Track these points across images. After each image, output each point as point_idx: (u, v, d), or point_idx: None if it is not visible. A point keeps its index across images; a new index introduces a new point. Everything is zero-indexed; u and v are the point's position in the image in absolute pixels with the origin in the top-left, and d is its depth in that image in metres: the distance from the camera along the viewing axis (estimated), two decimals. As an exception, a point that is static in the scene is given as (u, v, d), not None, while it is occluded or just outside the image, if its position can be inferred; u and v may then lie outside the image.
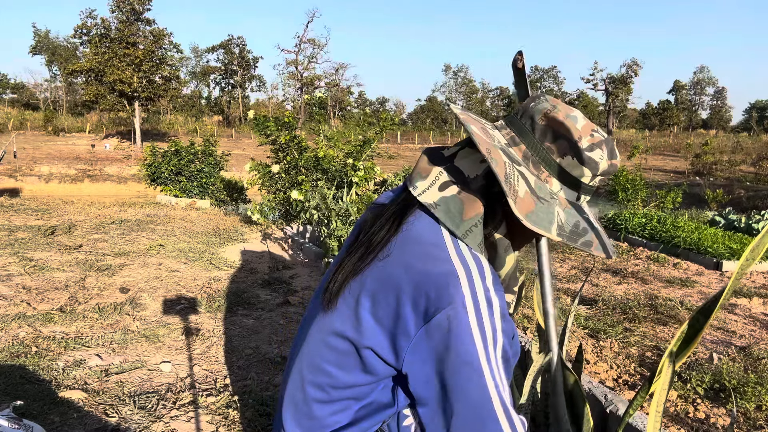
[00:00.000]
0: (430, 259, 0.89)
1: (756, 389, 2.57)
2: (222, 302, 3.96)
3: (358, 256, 0.96)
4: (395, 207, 0.99)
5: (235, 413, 2.39)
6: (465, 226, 0.91)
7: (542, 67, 74.64)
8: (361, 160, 7.56)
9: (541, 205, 0.89)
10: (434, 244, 0.91)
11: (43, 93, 64.40)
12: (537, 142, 0.93)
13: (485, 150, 0.86)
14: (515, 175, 0.88)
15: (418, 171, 0.98)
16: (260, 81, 68.89)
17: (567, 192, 0.94)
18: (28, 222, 6.87)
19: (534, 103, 0.95)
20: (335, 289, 0.96)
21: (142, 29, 33.65)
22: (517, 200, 0.86)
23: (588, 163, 0.92)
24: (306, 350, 1.01)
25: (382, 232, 0.95)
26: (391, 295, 0.89)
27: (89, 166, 22.34)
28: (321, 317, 0.99)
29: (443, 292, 0.85)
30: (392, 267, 0.90)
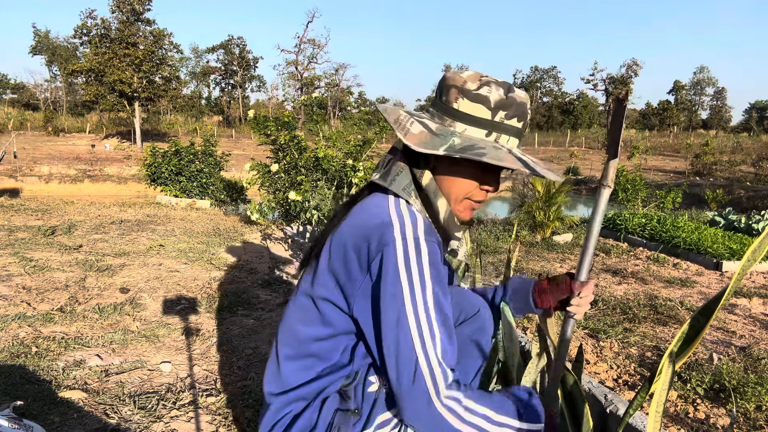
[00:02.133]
0: (371, 215, 1.07)
1: (756, 389, 2.57)
2: (222, 302, 3.95)
3: (323, 229, 1.19)
4: (354, 194, 1.24)
5: (235, 413, 2.39)
6: (390, 176, 1.13)
7: (542, 67, 74.64)
8: (361, 160, 7.56)
9: (437, 137, 1.05)
10: (377, 204, 1.10)
11: (43, 93, 64.37)
12: (438, 101, 1.12)
13: (383, 109, 1.11)
14: (409, 120, 1.08)
15: (377, 165, 1.22)
16: (260, 81, 68.88)
17: (473, 131, 1.07)
18: (28, 222, 6.87)
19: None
20: (305, 257, 1.21)
21: (142, 29, 33.62)
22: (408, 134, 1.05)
23: (477, 98, 1.05)
24: (283, 320, 1.21)
25: (341, 209, 1.19)
26: (341, 248, 1.07)
27: (89, 166, 22.34)
28: (299, 286, 1.20)
29: (380, 237, 1.01)
30: (345, 227, 1.09)
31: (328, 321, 1.09)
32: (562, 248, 6.68)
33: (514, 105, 1.05)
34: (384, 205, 1.08)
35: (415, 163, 1.13)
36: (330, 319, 1.09)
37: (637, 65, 62.04)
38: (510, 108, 1.05)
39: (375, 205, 1.09)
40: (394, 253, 0.99)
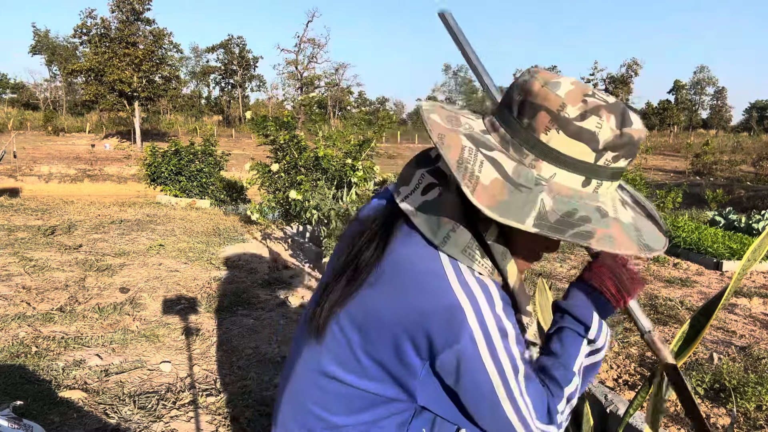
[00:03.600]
0: (426, 291, 0.76)
1: (756, 389, 2.57)
2: (222, 302, 3.95)
3: (345, 282, 0.84)
4: (380, 220, 0.86)
5: (235, 413, 2.39)
6: (442, 232, 0.78)
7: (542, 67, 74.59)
8: (361, 159, 7.56)
9: (519, 193, 0.72)
10: (430, 271, 0.78)
11: (43, 93, 64.36)
12: (515, 121, 0.76)
13: (437, 135, 0.73)
14: (477, 160, 0.73)
15: (402, 176, 0.86)
16: (260, 81, 68.86)
17: (566, 177, 0.74)
18: (28, 222, 6.87)
19: (518, 78, 0.80)
20: (322, 322, 0.84)
21: (142, 29, 33.62)
22: (478, 188, 0.70)
23: (580, 135, 0.72)
24: (294, 388, 0.91)
25: (368, 252, 0.83)
26: (386, 334, 0.78)
27: (89, 166, 22.34)
28: (309, 350, 0.89)
29: (446, 329, 0.75)
30: (384, 299, 0.78)
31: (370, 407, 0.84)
32: (561, 247, 6.68)
33: (629, 144, 0.73)
34: (440, 273, 0.77)
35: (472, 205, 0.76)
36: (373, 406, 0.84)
37: (637, 65, 62.05)
38: (622, 148, 0.73)
39: (427, 272, 0.77)
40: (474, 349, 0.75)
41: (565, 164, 0.74)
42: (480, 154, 0.74)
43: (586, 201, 0.74)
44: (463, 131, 0.77)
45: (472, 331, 0.75)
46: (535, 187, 0.73)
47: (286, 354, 3.09)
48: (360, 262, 0.83)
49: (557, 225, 0.71)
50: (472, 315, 0.75)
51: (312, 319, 0.87)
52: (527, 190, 0.72)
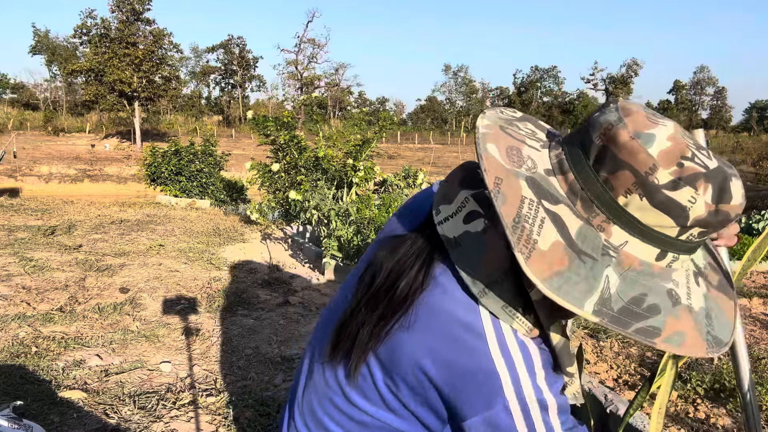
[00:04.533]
0: (461, 349, 0.68)
1: (756, 389, 2.57)
2: (222, 302, 3.95)
3: (377, 319, 0.73)
4: (418, 245, 0.74)
5: (235, 413, 2.39)
6: (483, 282, 0.68)
7: (542, 67, 74.67)
8: (361, 159, 7.57)
9: (581, 263, 0.59)
10: (467, 326, 0.68)
11: (43, 93, 64.39)
12: (590, 170, 0.62)
13: (493, 179, 0.61)
14: (538, 217, 0.60)
15: (445, 191, 0.74)
16: (260, 81, 68.90)
17: (639, 247, 0.61)
18: (28, 222, 6.87)
19: (598, 113, 0.65)
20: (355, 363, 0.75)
21: (142, 29, 33.66)
22: (533, 254, 0.58)
23: (667, 207, 0.58)
24: (311, 400, 0.85)
25: (404, 286, 0.72)
26: (410, 378, 0.71)
27: (89, 166, 22.35)
28: (330, 371, 0.82)
29: (479, 395, 0.67)
30: (411, 343, 0.70)
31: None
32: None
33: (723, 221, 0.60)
34: (478, 330, 0.68)
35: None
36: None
37: (637, 65, 62.11)
38: (713, 226, 0.61)
39: (464, 329, 0.68)
40: (509, 420, 0.67)
41: (640, 233, 0.61)
42: (542, 208, 0.61)
43: (658, 281, 0.62)
44: (525, 172, 0.63)
45: (507, 402, 0.66)
46: (601, 258, 0.60)
47: (285, 354, 3.09)
48: (395, 298, 0.72)
49: (620, 315, 0.59)
50: (509, 384, 0.66)
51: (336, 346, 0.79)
52: (591, 261, 0.60)
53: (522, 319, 0.69)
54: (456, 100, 77.27)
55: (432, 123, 73.63)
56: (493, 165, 0.62)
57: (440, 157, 35.03)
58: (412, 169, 8.17)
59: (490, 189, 0.60)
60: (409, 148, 42.75)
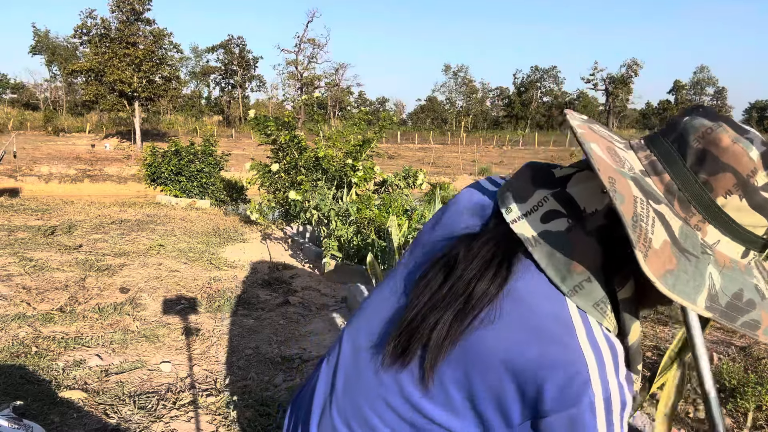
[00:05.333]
0: (549, 340, 0.67)
1: (756, 389, 2.57)
2: (222, 302, 3.95)
3: (453, 315, 0.71)
4: (493, 243, 0.73)
5: (235, 413, 2.39)
6: (573, 280, 0.67)
7: (542, 67, 74.69)
8: (361, 159, 7.56)
9: (686, 261, 0.62)
10: (556, 317, 0.67)
11: (43, 93, 64.43)
12: (688, 171, 0.65)
13: (607, 179, 0.62)
14: (649, 216, 0.62)
15: (516, 188, 0.74)
16: (260, 81, 68.92)
17: (729, 245, 0.66)
18: (28, 222, 6.87)
19: (688, 117, 0.67)
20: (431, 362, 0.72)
21: (142, 29, 33.65)
22: (650, 253, 0.60)
23: (763, 207, 0.63)
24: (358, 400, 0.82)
25: (482, 283, 0.70)
26: (490, 375, 0.69)
27: (89, 166, 22.36)
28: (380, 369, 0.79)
29: (566, 389, 0.65)
30: (494, 338, 0.69)
31: None
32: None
33: None
34: (567, 322, 0.67)
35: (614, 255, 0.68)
36: None
37: (637, 65, 62.11)
38: None
39: (552, 318, 0.68)
40: (591, 419, 0.66)
41: (732, 232, 0.65)
42: (650, 208, 0.63)
43: (746, 277, 0.66)
44: (628, 172, 0.66)
45: (594, 398, 0.65)
46: (701, 256, 0.63)
47: (285, 354, 3.09)
48: (473, 294, 0.70)
49: (728, 310, 0.63)
50: (597, 379, 0.65)
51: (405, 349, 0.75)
52: (695, 259, 0.63)
53: (611, 316, 0.70)
54: (456, 100, 77.28)
55: (432, 123, 73.62)
56: (604, 165, 0.63)
57: (440, 157, 35.02)
58: (412, 169, 8.17)
59: (607, 188, 0.61)
60: (409, 148, 42.73)
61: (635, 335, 0.73)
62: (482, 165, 28.61)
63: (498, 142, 50.73)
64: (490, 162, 32.18)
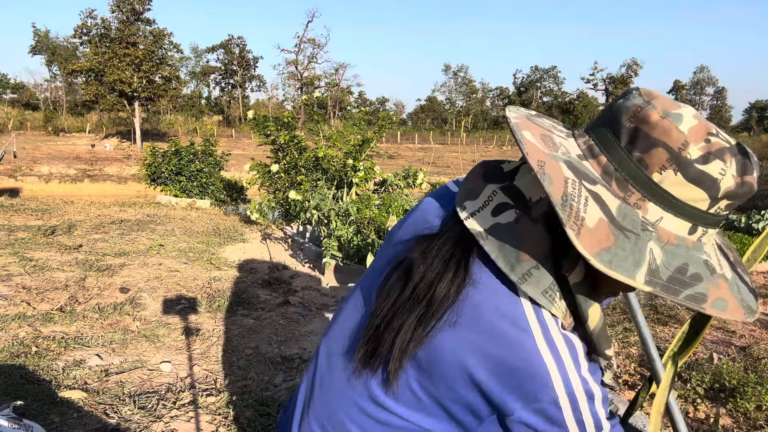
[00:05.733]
0: (506, 342, 0.68)
1: (756, 389, 2.57)
2: (222, 302, 3.96)
3: (416, 320, 0.72)
4: (451, 243, 0.74)
5: (235, 413, 2.39)
6: (521, 267, 0.68)
7: (542, 67, 74.70)
8: (361, 159, 7.56)
9: (625, 239, 0.63)
10: (512, 319, 0.68)
11: (43, 93, 64.44)
12: (623, 151, 0.66)
13: (536, 162, 0.63)
14: (582, 196, 0.63)
15: (468, 187, 0.76)
16: (260, 81, 68.92)
17: (673, 222, 0.65)
18: (28, 222, 6.87)
19: (622, 99, 0.69)
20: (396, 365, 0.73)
21: (142, 29, 33.66)
22: (583, 231, 0.61)
23: (700, 180, 0.63)
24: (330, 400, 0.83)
25: (443, 285, 0.71)
26: (452, 376, 0.70)
27: (89, 166, 22.36)
28: (350, 372, 0.80)
29: (526, 389, 0.67)
30: (455, 340, 0.69)
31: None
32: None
33: (747, 193, 0.67)
34: (523, 324, 0.68)
35: (563, 241, 0.68)
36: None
37: (637, 65, 62.12)
38: (739, 198, 0.66)
39: (507, 320, 0.69)
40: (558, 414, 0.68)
41: (674, 208, 0.65)
42: (584, 188, 0.64)
43: (693, 252, 0.66)
44: (561, 156, 0.67)
45: (557, 395, 0.67)
46: (642, 233, 0.64)
47: (286, 354, 3.09)
48: (434, 297, 0.71)
49: (670, 284, 0.63)
50: (557, 377, 0.67)
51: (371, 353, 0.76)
52: (634, 236, 0.63)
53: (559, 303, 0.70)
54: (456, 100, 77.29)
55: (432, 123, 73.62)
56: (534, 149, 0.65)
57: (440, 157, 35.02)
58: (412, 169, 8.17)
59: (536, 171, 0.62)
60: (409, 148, 42.74)
61: (595, 320, 0.73)
62: (482, 165, 28.58)
63: (498, 142, 50.76)
64: (490, 162, 32.14)
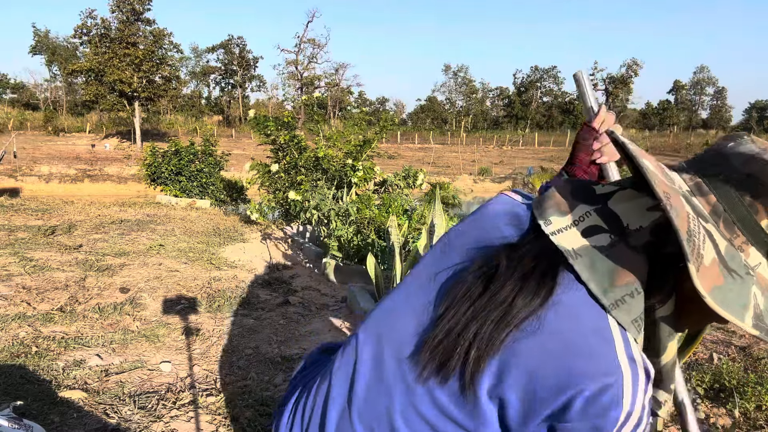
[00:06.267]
0: (588, 351, 0.66)
1: (756, 389, 2.57)
2: (222, 302, 3.96)
3: (494, 325, 0.70)
4: (534, 254, 0.72)
5: (235, 413, 2.39)
6: (615, 293, 0.67)
7: (542, 67, 74.69)
8: (361, 160, 7.57)
9: (732, 280, 0.63)
10: (596, 330, 0.67)
11: (43, 93, 64.45)
12: (734, 194, 0.66)
13: (662, 194, 0.62)
14: (701, 233, 0.63)
15: (555, 202, 0.74)
16: (260, 81, 68.92)
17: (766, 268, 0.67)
18: (28, 222, 6.87)
19: (734, 143, 0.70)
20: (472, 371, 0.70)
21: (142, 29, 33.65)
22: (701, 268, 0.61)
23: None
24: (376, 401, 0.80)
25: (525, 294, 0.70)
26: (523, 382, 0.68)
27: (89, 166, 22.36)
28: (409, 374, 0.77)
29: (597, 400, 0.64)
30: (533, 348, 0.68)
31: None
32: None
33: None
34: (607, 336, 0.67)
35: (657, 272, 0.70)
36: None
37: (637, 65, 62.17)
38: None
39: (593, 333, 0.67)
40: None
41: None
42: (701, 225, 0.64)
43: None
44: (679, 190, 0.67)
45: (621, 414, 0.65)
46: (745, 276, 0.65)
47: (286, 354, 3.09)
48: (514, 304, 0.70)
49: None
50: (628, 394, 0.65)
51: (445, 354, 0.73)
52: (739, 279, 0.64)
53: (642, 334, 0.70)
54: (456, 100, 77.30)
55: (432, 123, 73.62)
56: (659, 180, 0.65)
57: (440, 157, 35.01)
58: (412, 169, 8.17)
59: (663, 202, 0.62)
60: (409, 148, 42.73)
61: (671, 354, 0.74)
62: (482, 165, 28.61)
63: (498, 142, 50.74)
64: (491, 162, 32.18)
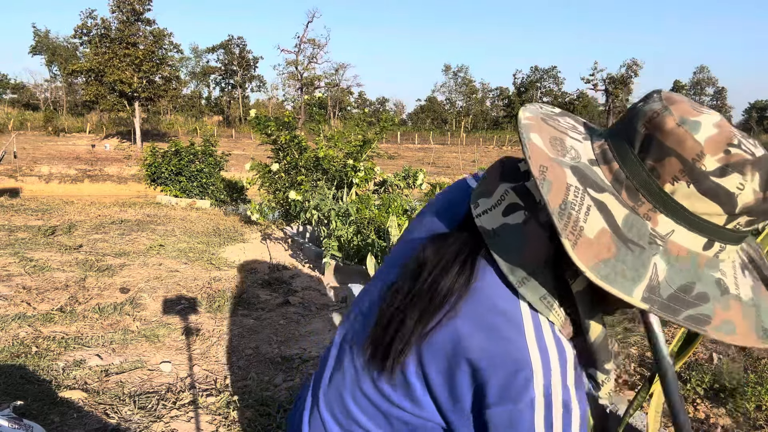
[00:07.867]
0: (497, 336, 0.67)
1: (756, 389, 2.57)
2: (222, 302, 3.95)
3: (420, 312, 0.72)
4: (461, 240, 0.74)
5: (235, 413, 2.39)
6: (521, 271, 0.67)
7: (542, 67, 74.70)
8: (361, 160, 7.57)
9: (627, 251, 0.60)
10: (505, 314, 0.68)
11: (43, 93, 64.45)
12: (635, 158, 0.62)
13: (538, 167, 0.61)
14: (584, 205, 0.60)
15: (484, 185, 0.75)
16: (260, 81, 68.93)
17: (686, 236, 0.61)
18: (28, 222, 6.87)
19: (642, 102, 0.66)
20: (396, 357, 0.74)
21: (143, 29, 33.67)
22: (580, 241, 0.58)
23: (715, 194, 0.58)
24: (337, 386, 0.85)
25: (447, 280, 0.71)
26: (443, 366, 0.70)
27: (89, 166, 22.36)
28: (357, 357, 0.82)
29: (508, 385, 0.65)
30: (450, 332, 0.70)
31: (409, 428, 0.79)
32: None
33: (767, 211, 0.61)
34: (516, 320, 0.67)
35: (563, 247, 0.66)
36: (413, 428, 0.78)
37: (637, 65, 62.15)
38: (761, 214, 0.61)
39: (503, 315, 0.68)
40: (530, 416, 0.65)
41: (687, 222, 0.61)
42: (588, 196, 0.61)
43: (706, 270, 0.62)
44: (569, 161, 0.64)
45: (534, 397, 0.65)
46: (648, 247, 0.61)
47: (286, 354, 3.09)
48: (438, 291, 0.71)
49: (670, 302, 0.59)
50: (540, 380, 0.65)
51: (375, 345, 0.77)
52: (638, 249, 0.60)
53: (558, 311, 0.69)
54: (456, 100, 77.30)
55: (432, 123, 73.62)
56: (538, 153, 0.63)
57: (440, 157, 35.02)
58: (412, 170, 8.17)
59: (536, 176, 0.60)
60: (409, 148, 42.73)
61: (596, 332, 0.71)
62: (482, 165, 28.62)
63: (498, 142, 50.77)
64: (491, 162, 32.14)
